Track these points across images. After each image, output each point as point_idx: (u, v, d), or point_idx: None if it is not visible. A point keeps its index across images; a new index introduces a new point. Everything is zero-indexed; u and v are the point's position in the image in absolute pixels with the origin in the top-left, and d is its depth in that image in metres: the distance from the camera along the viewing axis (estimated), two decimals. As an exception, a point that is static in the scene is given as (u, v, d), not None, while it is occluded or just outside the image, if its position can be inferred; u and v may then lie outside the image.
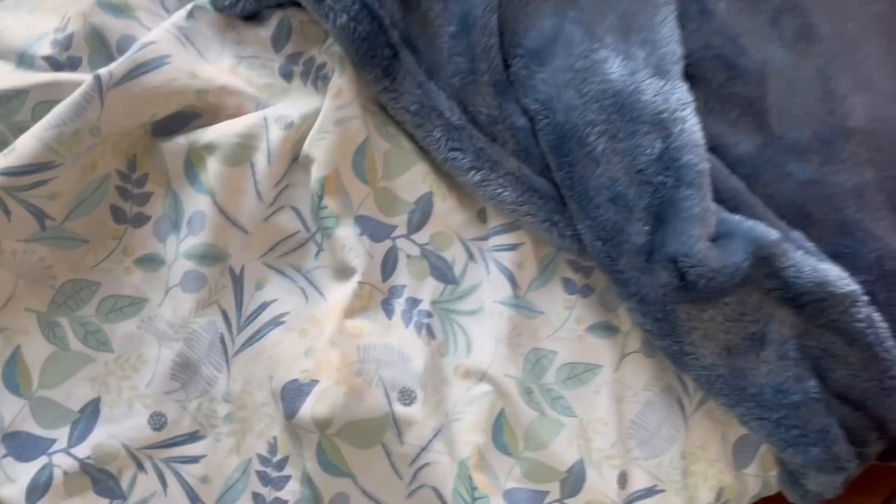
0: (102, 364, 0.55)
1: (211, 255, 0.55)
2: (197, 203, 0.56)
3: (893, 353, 0.56)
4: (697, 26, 0.60)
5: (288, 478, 0.55)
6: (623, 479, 0.57)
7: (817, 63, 0.61)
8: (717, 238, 0.55)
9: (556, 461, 0.55)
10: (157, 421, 0.55)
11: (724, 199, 0.58)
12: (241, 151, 0.55)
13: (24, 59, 0.56)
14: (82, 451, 0.53)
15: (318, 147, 0.55)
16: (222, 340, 0.56)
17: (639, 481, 0.57)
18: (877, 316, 0.56)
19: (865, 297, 0.56)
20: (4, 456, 0.53)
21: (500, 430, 0.56)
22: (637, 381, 0.58)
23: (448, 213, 0.59)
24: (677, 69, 0.57)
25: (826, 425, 0.56)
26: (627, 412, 0.58)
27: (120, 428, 0.54)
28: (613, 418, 0.57)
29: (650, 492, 0.57)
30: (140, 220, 0.57)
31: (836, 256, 0.58)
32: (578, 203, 0.55)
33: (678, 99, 0.56)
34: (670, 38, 0.58)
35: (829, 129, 0.60)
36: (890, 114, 0.61)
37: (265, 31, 0.60)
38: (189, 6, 0.58)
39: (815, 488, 0.58)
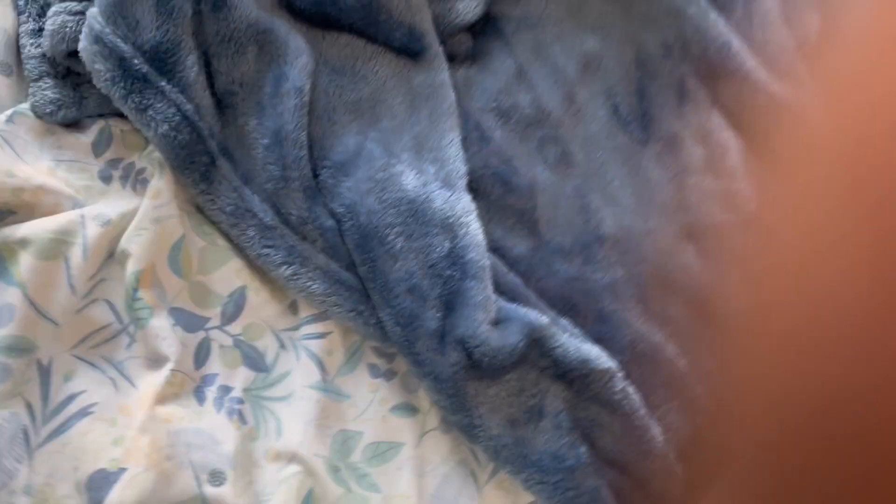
0: None
1: (18, 347, 0.56)
2: (6, 296, 0.56)
3: (646, 421, 0.66)
4: (478, 149, 0.72)
5: (90, 574, 0.54)
6: (425, 551, 0.61)
7: (574, 182, 0.75)
8: (498, 323, 0.64)
9: (362, 535, 0.59)
10: (-54, 521, 0.52)
11: (503, 291, 0.67)
12: (56, 246, 0.58)
13: None
14: None
15: (135, 242, 0.59)
16: (25, 432, 0.55)
17: (440, 552, 0.62)
18: (630, 389, 0.67)
19: (621, 374, 0.66)
20: None
21: (308, 509, 0.59)
22: (436, 456, 0.64)
23: (261, 305, 0.63)
24: (462, 182, 0.68)
25: (597, 486, 0.64)
26: (428, 486, 0.63)
27: None
28: (414, 492, 0.62)
29: (450, 561, 0.62)
30: (-59, 314, 0.56)
31: (598, 340, 0.69)
32: (380, 294, 0.62)
33: (463, 207, 0.66)
34: (456, 157, 0.68)
35: (587, 236, 0.73)
36: (633, 224, 0.75)
37: (86, 138, 0.63)
38: (9, 111, 0.61)
39: (592, 545, 0.66)
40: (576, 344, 0.65)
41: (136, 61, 0.59)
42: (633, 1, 0.82)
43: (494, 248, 0.69)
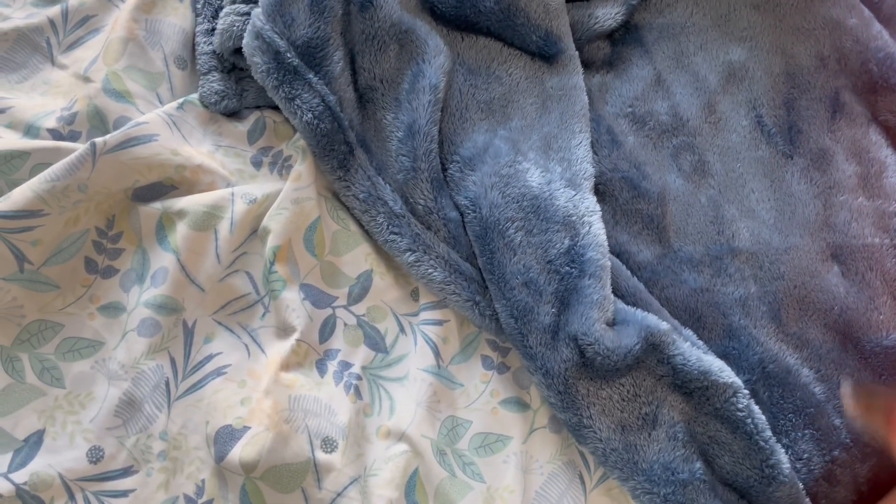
0: (52, 398, 0.60)
1: (168, 306, 0.62)
2: (162, 260, 0.63)
3: (772, 444, 0.62)
4: (608, 153, 0.72)
5: (210, 520, 0.59)
6: (525, 547, 0.61)
7: (709, 192, 0.72)
8: (615, 324, 0.63)
9: (462, 520, 0.60)
10: (95, 454, 0.59)
11: (624, 295, 0.66)
12: (208, 219, 0.64)
13: (30, 130, 0.65)
14: (20, 476, 0.57)
15: (275, 220, 0.64)
16: (167, 384, 0.61)
17: (540, 551, 0.61)
18: (756, 408, 0.63)
19: (745, 391, 0.63)
20: (-55, 476, 0.57)
21: (412, 488, 0.60)
22: (543, 455, 0.64)
23: (385, 289, 0.66)
24: (588, 184, 0.68)
25: (711, 506, 0.61)
26: (533, 483, 0.63)
27: (59, 458, 0.58)
28: (519, 487, 0.62)
29: (550, 562, 0.61)
30: (109, 272, 0.63)
31: (724, 356, 0.66)
32: (497, 286, 0.63)
33: (586, 207, 0.66)
34: (584, 159, 0.69)
35: (719, 247, 0.70)
36: (771, 238, 0.71)
37: (243, 127, 0.70)
38: (180, 100, 0.69)
39: (703, 569, 0.62)
40: (697, 354, 0.63)
41: (288, 55, 0.64)
42: (785, 12, 0.79)
43: (618, 253, 0.69)
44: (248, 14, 0.68)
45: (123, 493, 0.58)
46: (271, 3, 0.65)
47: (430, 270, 0.64)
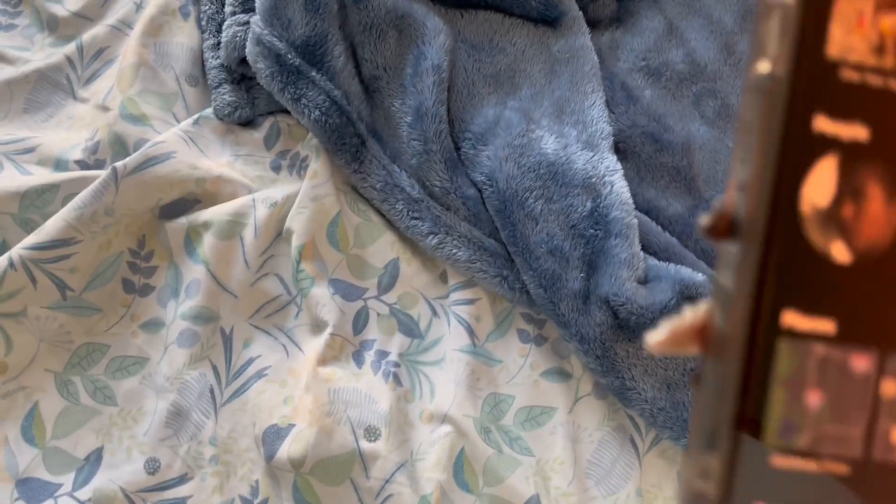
0: (107, 416, 0.62)
1: (204, 316, 0.64)
2: (194, 272, 0.65)
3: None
4: (625, 109, 0.70)
5: (267, 519, 0.60)
6: (582, 517, 0.60)
7: (737, 136, 0.70)
8: (648, 282, 0.61)
9: (514, 496, 0.59)
10: (152, 466, 0.61)
11: (657, 251, 0.64)
12: (232, 227, 0.65)
13: (59, 164, 0.68)
14: (84, 493, 0.59)
15: (297, 220, 0.65)
16: (211, 391, 0.62)
17: (599, 520, 0.60)
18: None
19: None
20: (17, 499, 0.59)
21: (460, 468, 0.60)
22: (591, 422, 0.62)
23: (413, 275, 0.66)
24: (606, 143, 0.66)
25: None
26: (584, 452, 0.62)
27: (118, 473, 0.60)
28: (570, 457, 0.61)
29: (610, 530, 0.60)
30: (146, 290, 0.66)
31: (770, 302, 0.64)
32: (522, 257, 0.62)
33: (606, 167, 0.64)
34: (599, 119, 0.67)
35: (753, 191, 0.68)
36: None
37: (258, 134, 0.71)
38: (195, 116, 0.70)
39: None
40: (739, 302, 0.60)
41: (289, 56, 0.65)
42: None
43: (647, 209, 0.67)
44: (248, 23, 0.69)
45: (182, 501, 0.60)
46: (267, 7, 0.66)
47: (454, 251, 0.64)
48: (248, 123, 0.72)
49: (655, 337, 0.18)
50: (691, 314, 0.19)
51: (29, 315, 0.62)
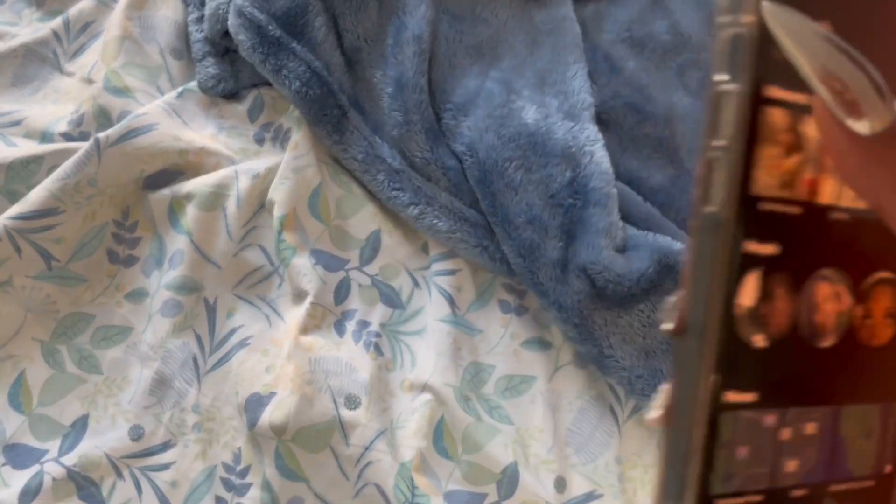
0: (92, 385, 0.63)
1: (187, 286, 0.64)
2: (177, 243, 0.65)
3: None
4: (608, 80, 0.70)
5: (250, 485, 0.61)
6: (561, 484, 0.60)
7: (720, 106, 0.69)
8: (627, 251, 0.61)
9: (491, 463, 0.60)
10: (136, 432, 0.61)
11: (637, 221, 0.65)
12: (215, 199, 0.65)
13: (45, 137, 0.69)
14: (70, 459, 0.60)
15: (278, 191, 0.65)
16: (195, 360, 0.63)
17: (577, 487, 0.61)
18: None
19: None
20: (3, 464, 0.60)
21: (440, 436, 0.61)
22: (570, 391, 0.63)
23: (395, 246, 0.67)
24: (587, 114, 0.66)
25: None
26: (564, 420, 0.62)
27: (103, 439, 0.61)
28: (549, 426, 0.62)
29: (589, 496, 0.61)
30: (131, 261, 0.66)
31: (751, 272, 0.64)
32: (502, 227, 0.63)
33: (587, 137, 0.64)
34: (581, 89, 0.67)
35: (735, 161, 0.68)
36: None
37: (242, 107, 0.71)
38: (179, 89, 0.71)
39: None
40: (717, 272, 0.60)
41: (270, 27, 0.65)
42: None
43: (629, 180, 0.67)
44: (232, -5, 0.69)
45: (165, 466, 0.61)
46: (248, -21, 0.66)
47: (434, 221, 0.64)
48: (232, 96, 0.72)
49: (653, 415, 0.23)
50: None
51: (15, 285, 0.63)
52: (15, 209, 0.62)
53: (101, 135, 0.64)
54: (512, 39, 0.69)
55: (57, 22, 0.74)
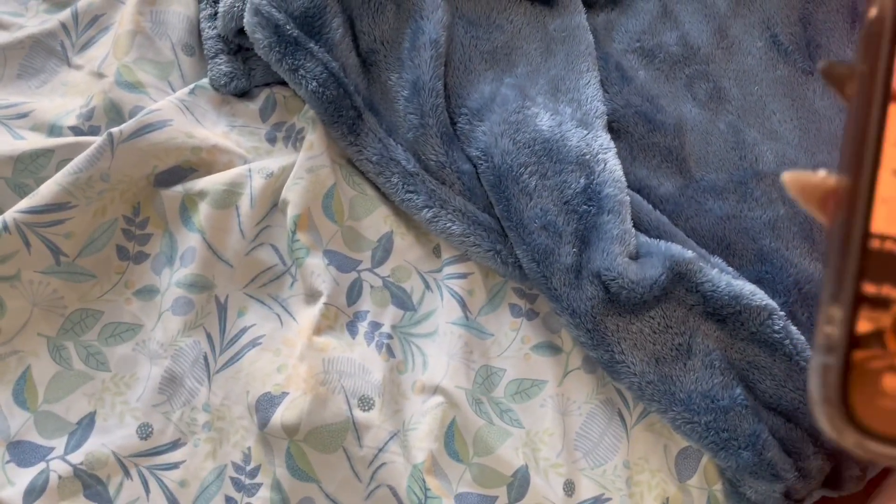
0: (100, 382, 0.62)
1: (198, 284, 0.64)
2: (189, 240, 0.65)
3: (814, 364, 0.61)
4: (619, 89, 0.71)
5: (259, 485, 0.61)
6: (569, 488, 0.61)
7: (728, 118, 0.71)
8: (639, 258, 0.62)
9: (503, 466, 0.60)
10: (144, 431, 0.61)
11: (647, 229, 0.65)
12: (228, 197, 0.65)
13: (53, 130, 0.68)
14: (76, 457, 0.60)
15: (292, 191, 0.65)
16: (205, 359, 0.63)
17: (586, 491, 0.62)
18: (793, 329, 0.62)
19: (781, 312, 0.62)
20: (7, 462, 0.60)
21: (451, 438, 0.61)
22: (580, 395, 0.64)
23: (407, 249, 0.67)
24: (600, 122, 0.67)
25: (756, 430, 0.60)
26: (573, 424, 0.63)
27: (111, 437, 0.60)
28: (559, 430, 0.62)
29: (598, 500, 0.61)
30: (140, 258, 0.66)
31: (757, 281, 0.65)
32: (516, 232, 0.63)
33: (600, 144, 0.65)
34: (593, 98, 0.68)
35: (742, 173, 0.69)
36: (797, 158, 0.70)
37: (254, 105, 0.71)
38: (191, 85, 0.70)
39: (753, 496, 0.62)
40: (727, 279, 0.62)
41: (287, 27, 0.65)
42: (793, -75, 0.76)
43: (639, 188, 0.68)
44: (247, -7, 0.69)
45: (174, 465, 0.61)
46: (266, -23, 0.66)
47: (448, 224, 0.65)
48: (243, 95, 0.72)
49: (792, 173, 0.24)
50: (823, 176, 0.25)
51: (23, 279, 0.62)
52: (25, 203, 0.61)
53: (115, 129, 0.63)
54: (526, 46, 0.70)
55: (65, 14, 0.73)
